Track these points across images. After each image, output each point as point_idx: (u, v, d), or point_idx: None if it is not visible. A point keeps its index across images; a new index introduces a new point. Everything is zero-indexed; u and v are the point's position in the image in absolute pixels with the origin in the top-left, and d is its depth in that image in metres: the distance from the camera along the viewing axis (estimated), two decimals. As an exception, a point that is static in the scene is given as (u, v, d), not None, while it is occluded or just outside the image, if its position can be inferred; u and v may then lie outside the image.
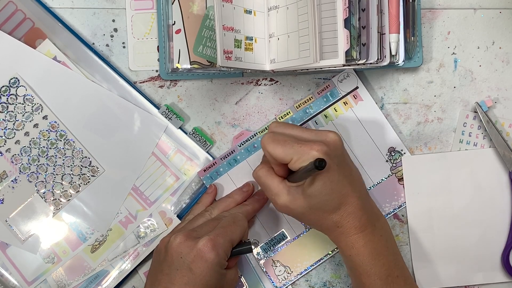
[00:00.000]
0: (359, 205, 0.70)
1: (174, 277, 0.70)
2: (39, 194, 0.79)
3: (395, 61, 0.76)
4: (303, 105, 0.81)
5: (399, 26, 0.75)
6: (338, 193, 0.69)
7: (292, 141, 0.69)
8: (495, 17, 0.81)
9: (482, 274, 0.82)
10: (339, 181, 0.69)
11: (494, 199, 0.81)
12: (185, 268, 0.70)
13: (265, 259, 0.81)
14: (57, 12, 0.80)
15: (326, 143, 0.69)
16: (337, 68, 0.72)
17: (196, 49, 0.76)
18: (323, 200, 0.69)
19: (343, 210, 0.70)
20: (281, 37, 0.73)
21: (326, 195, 0.69)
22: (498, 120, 0.82)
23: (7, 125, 0.79)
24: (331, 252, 0.81)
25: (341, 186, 0.69)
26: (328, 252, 0.81)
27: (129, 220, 0.80)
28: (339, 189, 0.69)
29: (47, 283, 0.80)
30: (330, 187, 0.68)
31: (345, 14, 0.69)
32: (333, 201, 0.69)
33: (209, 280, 0.70)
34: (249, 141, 0.81)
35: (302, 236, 0.81)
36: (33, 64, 0.78)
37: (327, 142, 0.70)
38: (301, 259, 0.81)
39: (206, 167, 0.80)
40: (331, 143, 0.70)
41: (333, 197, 0.69)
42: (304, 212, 0.70)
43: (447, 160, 0.81)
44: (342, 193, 0.69)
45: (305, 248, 0.81)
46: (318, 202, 0.69)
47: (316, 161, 0.61)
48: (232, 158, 0.81)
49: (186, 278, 0.70)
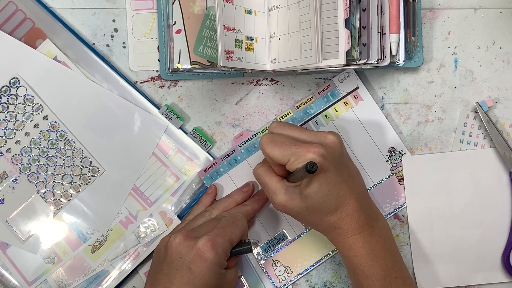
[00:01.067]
0: (357, 207, 0.70)
1: (173, 276, 0.70)
2: (40, 194, 0.79)
3: (396, 61, 0.76)
4: (303, 105, 0.81)
5: (399, 26, 0.75)
6: (335, 194, 0.69)
7: (290, 142, 0.69)
8: (495, 17, 0.81)
9: (482, 274, 0.82)
10: (337, 183, 0.69)
11: (494, 199, 0.81)
12: (185, 267, 0.70)
13: (265, 259, 0.81)
14: (58, 12, 0.80)
15: (324, 144, 0.69)
16: (337, 68, 0.72)
17: (196, 49, 0.76)
18: (320, 201, 0.69)
19: (341, 211, 0.70)
20: (282, 37, 0.73)
21: (323, 196, 0.69)
22: (498, 120, 0.82)
23: (7, 125, 0.79)
24: (331, 252, 0.81)
25: (338, 188, 0.69)
26: (329, 252, 0.81)
27: (130, 220, 0.80)
28: (337, 191, 0.69)
29: (48, 283, 0.80)
30: (327, 188, 0.68)
31: (346, 14, 0.69)
32: (330, 202, 0.69)
33: (209, 279, 0.70)
34: (249, 141, 0.81)
35: (302, 236, 0.81)
36: (33, 64, 0.78)
37: (325, 144, 0.70)
38: (301, 259, 0.81)
39: (207, 167, 0.80)
40: (329, 144, 0.70)
41: (330, 199, 0.69)
42: (301, 212, 0.71)
43: (447, 160, 0.81)
44: (340, 194, 0.69)
45: (305, 248, 0.81)
46: (315, 203, 0.69)
47: (308, 165, 0.62)
48: (233, 158, 0.81)
49: (185, 278, 0.70)
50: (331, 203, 0.69)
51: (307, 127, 0.81)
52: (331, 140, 0.70)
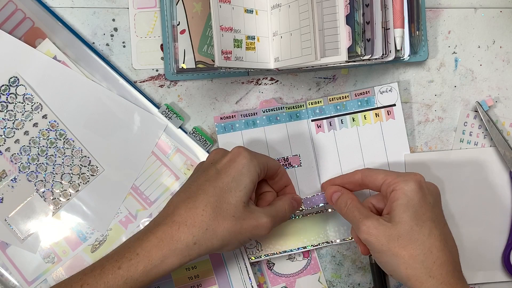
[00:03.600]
0: (450, 259, 0.67)
1: (198, 176, 0.69)
2: (39, 193, 0.79)
3: (401, 56, 0.76)
4: (336, 100, 0.81)
5: (403, 20, 0.75)
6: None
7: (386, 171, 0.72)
8: (495, 16, 0.82)
9: (483, 273, 0.82)
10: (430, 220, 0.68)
11: (494, 198, 0.81)
12: (213, 169, 0.69)
13: None
14: (57, 11, 0.80)
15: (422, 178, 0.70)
16: (342, 65, 0.72)
17: (201, 49, 0.76)
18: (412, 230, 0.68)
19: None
20: (283, 35, 0.73)
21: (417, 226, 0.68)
22: (498, 120, 0.82)
23: (6, 124, 0.78)
24: (302, 248, 0.80)
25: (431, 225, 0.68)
26: (300, 247, 0.80)
27: (129, 219, 0.80)
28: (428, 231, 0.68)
29: (47, 283, 0.79)
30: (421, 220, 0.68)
31: (347, 10, 0.69)
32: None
33: (232, 187, 0.67)
34: (274, 111, 0.80)
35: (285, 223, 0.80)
36: (33, 63, 0.78)
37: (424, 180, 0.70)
38: (275, 242, 0.81)
39: (224, 116, 0.80)
40: (428, 183, 0.71)
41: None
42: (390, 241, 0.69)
43: (447, 159, 0.81)
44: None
45: (283, 234, 0.81)
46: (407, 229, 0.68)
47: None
48: (252, 119, 0.80)
49: (208, 176, 0.68)
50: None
51: (331, 122, 0.81)
52: (429, 182, 0.71)
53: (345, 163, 0.80)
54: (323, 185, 0.80)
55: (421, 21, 0.78)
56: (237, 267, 0.80)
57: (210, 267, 0.80)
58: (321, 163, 0.81)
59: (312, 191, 0.81)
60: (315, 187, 0.81)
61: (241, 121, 0.80)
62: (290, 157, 0.81)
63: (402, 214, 0.67)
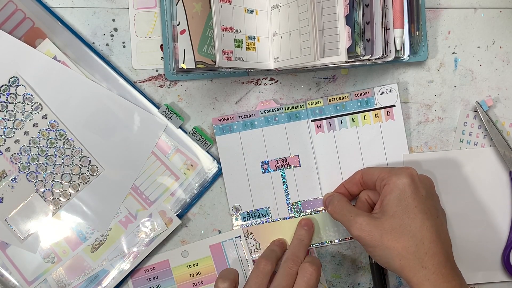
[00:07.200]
0: (444, 255, 0.68)
1: None
2: (39, 193, 0.79)
3: (400, 56, 0.76)
4: (336, 100, 0.81)
5: (403, 20, 0.75)
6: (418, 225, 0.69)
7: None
8: (495, 17, 0.82)
9: (482, 273, 0.82)
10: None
11: (494, 198, 0.81)
12: None
13: (239, 227, 0.81)
14: (57, 11, 0.80)
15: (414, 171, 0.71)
16: (341, 65, 0.72)
17: (201, 49, 0.76)
18: (403, 223, 0.69)
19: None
20: (283, 35, 0.73)
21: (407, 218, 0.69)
22: (498, 120, 0.82)
23: (6, 124, 0.78)
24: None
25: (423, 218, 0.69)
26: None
27: (129, 219, 0.80)
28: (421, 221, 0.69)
29: (47, 283, 0.79)
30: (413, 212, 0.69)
31: (346, 10, 0.69)
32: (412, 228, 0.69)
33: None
34: (272, 112, 0.80)
35: (284, 221, 0.81)
36: (33, 63, 0.78)
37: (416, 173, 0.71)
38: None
39: (222, 118, 0.80)
40: (420, 175, 0.72)
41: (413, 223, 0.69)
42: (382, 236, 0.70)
43: (447, 159, 0.81)
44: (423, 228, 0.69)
45: (281, 234, 0.81)
46: (398, 222, 0.69)
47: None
48: (250, 121, 0.80)
49: None
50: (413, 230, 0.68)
51: (331, 123, 0.81)
52: (422, 175, 0.72)
53: (344, 164, 0.80)
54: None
55: (421, 21, 0.78)
56: (239, 264, 0.80)
57: (211, 263, 0.80)
58: (321, 163, 0.81)
59: (311, 191, 0.81)
60: (314, 187, 0.81)
61: (239, 122, 0.80)
62: (289, 157, 0.81)
63: (394, 208, 0.68)
